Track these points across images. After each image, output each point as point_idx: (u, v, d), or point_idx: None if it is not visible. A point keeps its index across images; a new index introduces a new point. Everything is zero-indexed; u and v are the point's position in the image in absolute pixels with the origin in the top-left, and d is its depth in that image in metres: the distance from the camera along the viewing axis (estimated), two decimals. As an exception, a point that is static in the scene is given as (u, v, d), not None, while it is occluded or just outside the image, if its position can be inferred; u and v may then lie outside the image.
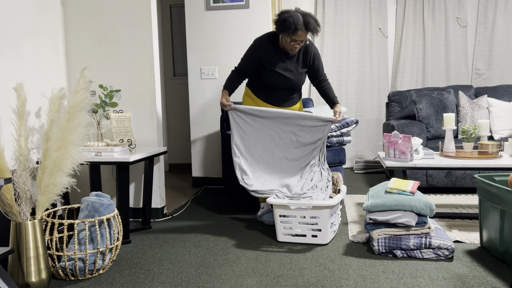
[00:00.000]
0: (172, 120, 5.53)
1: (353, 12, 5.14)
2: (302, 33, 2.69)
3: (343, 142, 3.57)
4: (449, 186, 3.78)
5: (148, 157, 2.87)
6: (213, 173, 4.40)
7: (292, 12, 2.71)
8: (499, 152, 2.96)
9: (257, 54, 2.88)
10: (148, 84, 3.15)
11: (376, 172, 4.96)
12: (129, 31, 3.12)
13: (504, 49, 4.98)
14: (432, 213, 2.32)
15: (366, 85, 5.24)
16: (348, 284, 2.03)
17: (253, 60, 2.90)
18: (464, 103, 4.13)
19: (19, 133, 2.11)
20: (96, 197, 2.31)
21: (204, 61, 4.27)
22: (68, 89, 3.21)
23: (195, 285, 2.06)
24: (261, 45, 2.87)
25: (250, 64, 2.92)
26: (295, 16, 2.67)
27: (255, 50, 2.89)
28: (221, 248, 2.56)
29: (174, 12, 5.40)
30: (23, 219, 2.05)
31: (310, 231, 2.58)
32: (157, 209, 3.26)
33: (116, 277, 2.18)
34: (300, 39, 2.72)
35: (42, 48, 2.90)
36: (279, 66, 2.87)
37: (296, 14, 2.69)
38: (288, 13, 2.70)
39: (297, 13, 2.69)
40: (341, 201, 3.61)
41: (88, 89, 2.24)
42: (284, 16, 2.69)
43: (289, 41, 2.74)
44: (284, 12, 2.71)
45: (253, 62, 2.90)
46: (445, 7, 5.01)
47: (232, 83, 2.97)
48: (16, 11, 2.64)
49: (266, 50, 2.86)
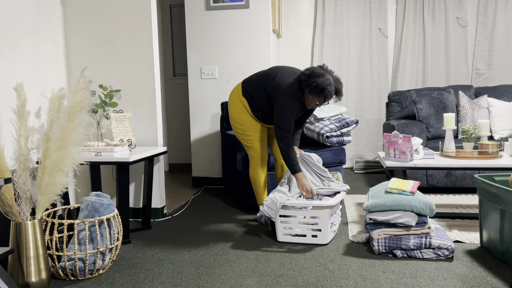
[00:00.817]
0: (172, 120, 5.53)
1: (353, 12, 5.14)
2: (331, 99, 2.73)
3: (343, 142, 3.57)
4: (449, 186, 3.78)
5: (148, 157, 2.87)
6: (213, 173, 4.40)
7: (327, 77, 2.66)
8: (499, 152, 2.96)
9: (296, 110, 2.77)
10: (148, 84, 3.15)
11: (376, 172, 4.96)
12: (129, 31, 3.12)
13: (504, 49, 4.98)
14: (432, 213, 2.32)
15: (366, 85, 5.24)
16: (348, 284, 2.03)
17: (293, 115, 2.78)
18: (464, 103, 4.13)
19: (19, 133, 2.12)
20: (96, 197, 2.31)
21: (204, 61, 4.27)
22: (68, 89, 3.21)
23: (195, 285, 2.06)
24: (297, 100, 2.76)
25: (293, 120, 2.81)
26: (332, 85, 2.66)
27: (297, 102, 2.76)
28: (221, 248, 2.56)
29: (174, 12, 5.40)
30: (23, 219, 2.05)
31: (310, 231, 2.58)
32: (157, 209, 3.26)
33: (116, 277, 2.18)
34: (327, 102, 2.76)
35: (42, 48, 2.90)
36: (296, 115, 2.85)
37: (331, 81, 2.66)
38: (324, 79, 2.64)
39: (331, 80, 2.67)
40: (341, 201, 3.61)
41: (88, 89, 2.24)
42: (323, 83, 2.63)
43: (317, 103, 2.75)
44: (320, 76, 2.65)
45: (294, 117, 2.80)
46: (445, 7, 5.01)
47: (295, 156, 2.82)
48: (16, 11, 2.64)
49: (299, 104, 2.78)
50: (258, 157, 3.02)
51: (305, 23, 5.24)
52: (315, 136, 3.55)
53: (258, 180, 3.04)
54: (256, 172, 3.03)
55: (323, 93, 2.67)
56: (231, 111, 3.02)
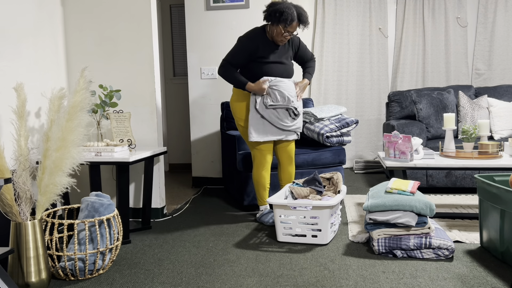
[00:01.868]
0: (172, 120, 5.53)
1: (353, 12, 5.14)
2: (296, 25, 2.77)
3: (343, 142, 3.57)
4: (449, 186, 3.78)
5: (148, 157, 2.87)
6: (213, 173, 4.40)
7: (286, 3, 2.75)
8: (499, 152, 2.95)
9: (254, 45, 2.86)
10: (148, 84, 3.15)
11: (376, 172, 4.96)
12: (129, 31, 3.12)
13: (504, 49, 4.97)
14: (432, 213, 2.32)
15: (366, 85, 5.24)
16: (348, 284, 2.03)
17: (250, 52, 2.87)
18: (464, 103, 4.13)
19: (19, 133, 2.11)
20: (96, 197, 2.31)
21: (204, 61, 4.27)
22: (68, 89, 3.21)
23: (195, 285, 2.06)
24: (257, 37, 2.87)
25: (244, 57, 2.89)
26: (291, 8, 2.72)
27: (252, 42, 2.86)
28: (221, 248, 2.56)
29: (174, 12, 5.40)
30: (23, 219, 2.05)
31: (310, 231, 2.58)
32: (157, 209, 3.26)
33: (116, 277, 2.18)
34: (293, 30, 2.78)
35: (42, 48, 2.90)
36: (272, 57, 2.89)
37: (290, 6, 2.74)
38: (283, 5, 2.73)
39: (290, 5, 2.74)
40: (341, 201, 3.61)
41: (88, 89, 2.24)
42: (281, 7, 2.72)
43: (282, 32, 2.77)
44: (277, 3, 2.74)
45: (249, 54, 2.88)
46: (445, 7, 5.01)
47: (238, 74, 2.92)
48: (16, 11, 2.64)
49: (261, 41, 2.87)
50: (263, 159, 3.02)
51: (305, 23, 5.24)
52: (315, 136, 3.55)
53: (260, 181, 3.04)
54: (258, 172, 3.04)
55: (282, 17, 2.71)
56: (232, 107, 3.07)
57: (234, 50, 2.92)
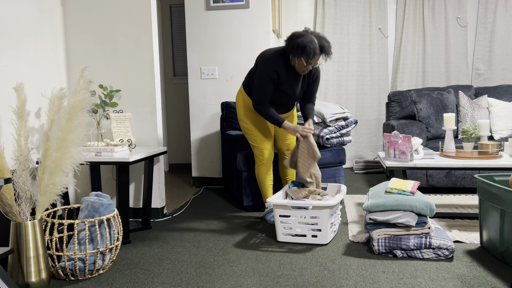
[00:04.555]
0: (172, 120, 5.53)
1: (353, 12, 5.14)
2: (318, 57, 2.70)
3: (343, 142, 3.57)
4: (449, 186, 3.78)
5: (148, 157, 2.87)
6: (213, 173, 4.40)
7: (308, 36, 2.65)
8: (499, 152, 2.95)
9: (276, 75, 2.77)
10: (148, 84, 3.15)
11: (376, 172, 4.96)
12: (129, 31, 3.12)
13: (504, 49, 4.97)
14: (432, 213, 2.32)
15: (366, 85, 5.24)
16: (348, 284, 2.03)
17: (273, 81, 2.79)
18: (464, 103, 4.13)
19: (19, 133, 2.11)
20: (96, 197, 2.31)
21: (204, 61, 4.27)
22: (68, 89, 3.21)
23: (195, 285, 2.06)
24: (276, 65, 2.77)
25: (272, 88, 2.82)
26: (313, 41, 2.64)
27: (272, 72, 2.77)
28: (221, 248, 2.56)
29: (174, 12, 5.40)
30: (23, 219, 2.05)
31: (310, 231, 2.58)
32: (157, 209, 3.26)
33: (116, 277, 2.18)
34: (315, 62, 2.72)
35: (42, 48, 2.90)
36: (291, 85, 2.84)
37: (313, 38, 2.65)
38: (305, 38, 2.64)
39: (312, 38, 2.65)
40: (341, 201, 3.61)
41: (88, 89, 2.24)
42: (303, 41, 2.63)
43: (304, 64, 2.71)
44: (300, 36, 2.65)
45: (273, 83, 2.80)
46: (445, 7, 5.01)
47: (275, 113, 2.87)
48: (16, 11, 2.64)
49: (281, 70, 2.77)
50: (262, 156, 3.04)
51: (305, 23, 5.24)
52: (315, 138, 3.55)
53: (263, 179, 3.09)
54: (260, 171, 3.08)
55: (305, 52, 2.65)
56: (238, 110, 3.09)
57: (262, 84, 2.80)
